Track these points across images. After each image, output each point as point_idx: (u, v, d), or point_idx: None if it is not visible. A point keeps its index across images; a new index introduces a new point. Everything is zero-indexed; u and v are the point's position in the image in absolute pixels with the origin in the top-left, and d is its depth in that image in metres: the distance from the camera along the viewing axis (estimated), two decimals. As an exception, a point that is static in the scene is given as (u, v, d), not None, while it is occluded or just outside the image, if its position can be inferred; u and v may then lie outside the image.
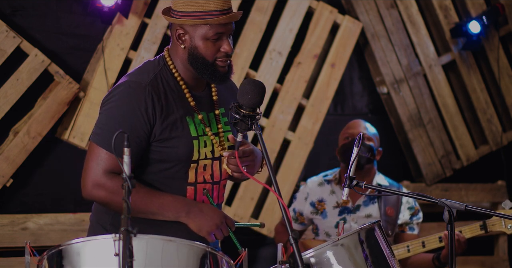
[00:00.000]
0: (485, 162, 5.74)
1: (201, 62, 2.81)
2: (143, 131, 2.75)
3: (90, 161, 2.76)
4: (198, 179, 2.87)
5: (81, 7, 4.57)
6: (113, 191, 2.72)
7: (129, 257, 2.07)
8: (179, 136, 2.81)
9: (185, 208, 2.79)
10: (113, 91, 2.81)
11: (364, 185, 2.82)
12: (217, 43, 2.80)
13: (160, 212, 2.77)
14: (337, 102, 5.46)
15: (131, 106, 2.75)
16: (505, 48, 5.79)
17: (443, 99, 5.56)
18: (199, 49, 2.80)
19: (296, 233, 2.46)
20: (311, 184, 4.36)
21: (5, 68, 4.33)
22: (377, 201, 4.21)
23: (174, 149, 2.80)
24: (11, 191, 4.44)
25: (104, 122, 2.78)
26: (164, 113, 2.78)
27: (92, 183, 2.75)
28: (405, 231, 4.25)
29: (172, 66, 2.86)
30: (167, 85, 2.83)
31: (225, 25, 2.79)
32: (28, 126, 4.38)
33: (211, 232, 2.79)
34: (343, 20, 5.23)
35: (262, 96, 2.69)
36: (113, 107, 2.78)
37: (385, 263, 2.72)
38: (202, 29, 2.78)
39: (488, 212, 2.88)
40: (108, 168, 2.74)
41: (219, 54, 2.81)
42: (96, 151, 2.76)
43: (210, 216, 2.79)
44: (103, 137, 2.75)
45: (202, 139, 2.85)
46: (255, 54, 4.98)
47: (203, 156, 2.86)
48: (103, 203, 2.78)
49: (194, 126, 2.85)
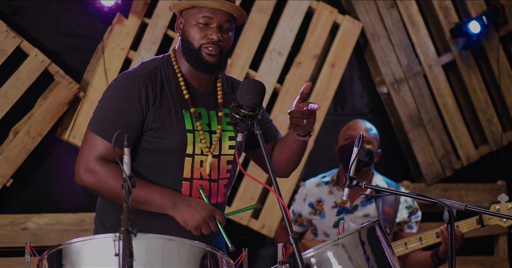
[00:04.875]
0: (485, 162, 5.74)
1: (188, 47, 2.86)
2: (135, 119, 2.81)
3: (83, 147, 2.83)
4: (194, 175, 2.87)
5: (81, 7, 4.57)
6: (102, 177, 2.77)
7: (129, 257, 2.06)
8: (172, 127, 2.83)
9: (172, 199, 2.79)
10: (112, 82, 2.90)
11: (364, 185, 2.82)
12: (205, 30, 2.84)
13: (146, 201, 2.78)
14: (337, 102, 5.46)
15: (125, 94, 2.82)
16: (505, 48, 5.79)
17: (443, 99, 5.56)
18: (188, 33, 2.86)
19: (296, 233, 2.46)
20: (309, 185, 4.38)
21: (5, 68, 4.33)
22: (374, 201, 4.22)
23: (166, 140, 2.83)
24: (11, 191, 4.44)
25: (99, 109, 2.88)
26: (158, 103, 2.83)
27: (83, 168, 2.79)
28: (403, 229, 4.26)
29: (174, 61, 2.92)
30: (166, 78, 2.88)
31: (214, 12, 2.83)
32: (28, 126, 4.38)
33: (198, 226, 2.77)
34: (343, 20, 5.23)
35: (262, 96, 2.70)
36: (108, 95, 2.87)
37: (386, 262, 2.72)
38: (192, 12, 2.85)
39: (488, 212, 2.88)
40: (100, 154, 2.79)
41: (205, 40, 2.84)
42: (89, 138, 2.83)
43: (197, 210, 2.78)
44: (97, 124, 2.83)
45: (198, 133, 2.86)
46: (255, 54, 4.98)
47: (199, 151, 2.86)
48: (93, 189, 2.82)
49: (191, 119, 2.86)
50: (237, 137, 2.71)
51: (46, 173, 4.56)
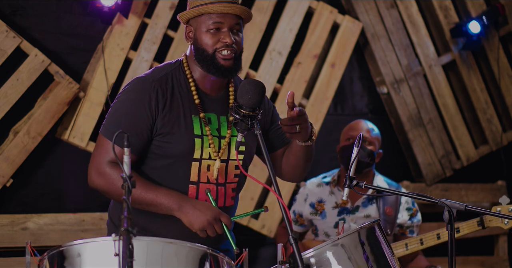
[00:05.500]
0: (485, 162, 5.74)
1: (202, 54, 2.87)
2: (145, 124, 2.84)
3: (95, 151, 2.89)
4: (201, 179, 2.89)
5: (81, 7, 4.57)
6: (112, 180, 2.81)
7: (129, 257, 2.06)
8: (181, 132, 2.85)
9: (179, 201, 2.81)
10: (125, 86, 2.93)
11: (364, 185, 2.82)
12: (217, 35, 2.85)
13: (153, 203, 2.81)
14: (337, 102, 5.46)
15: (135, 99, 2.85)
16: (505, 48, 5.79)
17: (443, 99, 5.56)
18: (200, 40, 2.87)
19: (296, 233, 2.46)
20: (310, 185, 4.38)
21: (5, 68, 4.33)
22: (375, 201, 4.22)
23: (174, 145, 2.85)
24: (11, 191, 4.44)
25: (111, 115, 2.91)
26: (167, 108, 2.85)
27: (95, 172, 2.85)
28: (405, 234, 4.26)
29: (186, 66, 2.93)
30: (177, 83, 2.90)
31: (224, 16, 2.84)
32: (28, 126, 4.38)
33: (203, 227, 2.79)
34: (343, 20, 5.23)
35: (262, 96, 2.70)
36: (120, 100, 2.90)
37: (385, 262, 2.72)
38: (202, 20, 2.86)
39: (488, 212, 2.87)
40: (112, 158, 2.83)
41: (218, 44, 2.85)
42: (101, 142, 2.88)
43: (202, 212, 2.79)
44: (108, 129, 2.87)
45: (206, 138, 2.87)
46: (255, 54, 4.98)
47: (207, 156, 2.88)
48: (104, 191, 2.87)
49: (200, 125, 2.87)
50: (237, 137, 2.71)
51: (46, 173, 4.56)
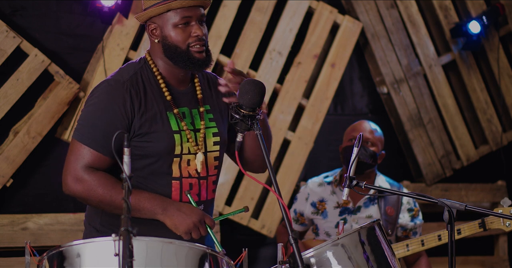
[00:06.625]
0: (485, 162, 5.74)
1: (175, 51, 2.83)
2: (121, 126, 2.78)
3: (70, 157, 2.81)
4: (183, 174, 2.87)
5: (81, 7, 4.57)
6: (91, 186, 2.76)
7: (129, 257, 2.06)
8: (159, 131, 2.83)
9: (162, 204, 2.79)
10: (94, 90, 2.85)
11: (364, 185, 2.82)
12: (187, 29, 2.82)
13: (135, 208, 2.76)
14: (337, 102, 5.46)
15: (109, 101, 2.79)
16: (505, 48, 5.79)
17: (443, 99, 5.56)
18: (170, 38, 2.83)
19: (296, 233, 2.46)
20: (311, 184, 4.37)
21: (5, 68, 4.33)
22: (377, 201, 4.22)
23: (154, 143, 2.82)
24: (11, 191, 4.44)
25: (84, 118, 2.83)
26: (143, 108, 2.81)
27: (71, 178, 2.79)
28: (409, 236, 4.25)
29: (152, 64, 2.89)
30: (147, 81, 2.86)
31: (191, 9, 2.81)
32: (28, 126, 4.38)
33: (188, 230, 2.78)
34: (343, 20, 5.23)
35: (262, 96, 2.69)
36: (92, 104, 2.82)
37: (386, 262, 2.72)
38: (169, 16, 2.82)
39: (488, 212, 2.88)
40: (87, 163, 2.78)
41: (191, 39, 2.82)
42: (75, 147, 2.80)
43: (187, 214, 2.78)
44: (82, 133, 2.80)
45: (184, 133, 2.86)
46: (255, 54, 4.98)
47: (186, 151, 2.86)
48: (81, 198, 2.81)
49: (176, 120, 2.86)
50: (237, 137, 2.70)
51: (46, 173, 4.56)
